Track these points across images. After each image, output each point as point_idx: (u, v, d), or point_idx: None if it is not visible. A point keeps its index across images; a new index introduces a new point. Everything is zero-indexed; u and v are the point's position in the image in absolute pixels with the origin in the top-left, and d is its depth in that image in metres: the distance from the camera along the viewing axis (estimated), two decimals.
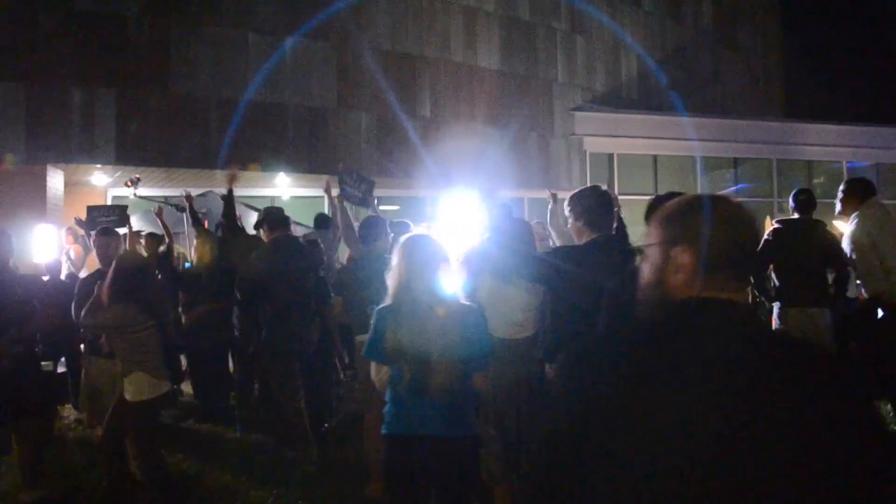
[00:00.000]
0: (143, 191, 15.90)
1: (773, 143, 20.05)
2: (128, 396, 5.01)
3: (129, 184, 9.09)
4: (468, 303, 3.54)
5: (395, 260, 3.38)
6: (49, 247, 10.12)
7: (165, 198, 12.13)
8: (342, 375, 8.57)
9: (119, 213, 8.66)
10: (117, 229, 8.70)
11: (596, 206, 4.34)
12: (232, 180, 8.92)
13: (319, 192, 16.91)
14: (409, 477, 3.33)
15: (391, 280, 3.38)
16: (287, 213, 13.99)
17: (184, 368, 8.44)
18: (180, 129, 13.15)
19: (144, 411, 5.00)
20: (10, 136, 12.27)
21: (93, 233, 8.31)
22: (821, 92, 22.84)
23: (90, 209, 8.72)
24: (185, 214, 9.66)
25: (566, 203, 4.44)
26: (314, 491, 5.56)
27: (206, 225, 10.68)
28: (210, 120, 13.34)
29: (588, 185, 17.42)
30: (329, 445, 6.78)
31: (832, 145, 20.68)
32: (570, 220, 4.43)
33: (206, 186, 14.13)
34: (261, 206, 13.94)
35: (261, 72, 13.70)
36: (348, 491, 5.56)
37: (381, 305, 3.42)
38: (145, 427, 5.06)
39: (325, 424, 7.27)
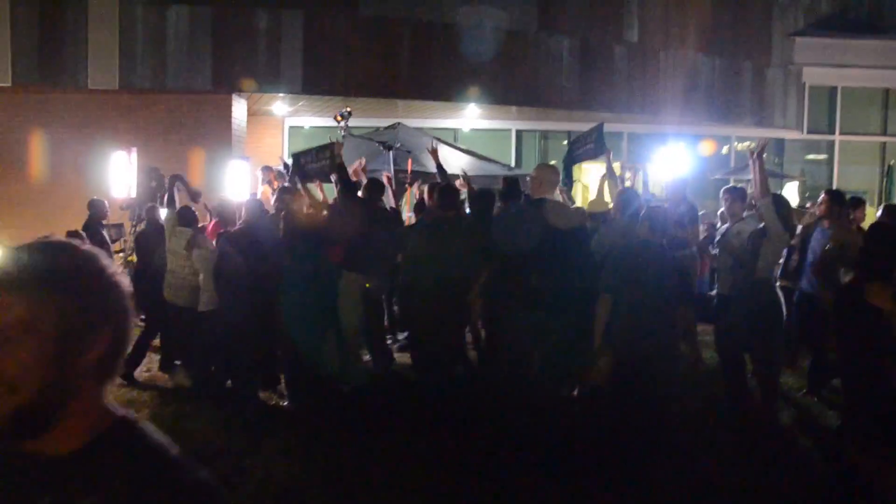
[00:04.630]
0: (318, 121, 15.24)
1: None
2: None
3: (339, 118, 8.03)
4: None
5: None
6: (242, 185, 9.36)
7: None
8: None
9: (329, 154, 7.31)
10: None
11: None
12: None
13: (507, 125, 15.65)
14: None
15: None
16: (467, 146, 12.96)
17: None
18: (369, 56, 12.05)
19: None
20: (197, 62, 11.59)
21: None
22: None
23: (296, 157, 7.68)
24: (389, 154, 8.58)
25: None
26: None
27: (410, 165, 9.66)
28: (401, 45, 12.16)
29: (806, 122, 15.33)
30: None
31: None
32: None
33: (392, 118, 13.12)
34: (446, 139, 12.90)
35: None
36: None
37: None
38: None
39: None
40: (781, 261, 6.37)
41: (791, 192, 16.11)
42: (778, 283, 5.95)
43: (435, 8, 12.27)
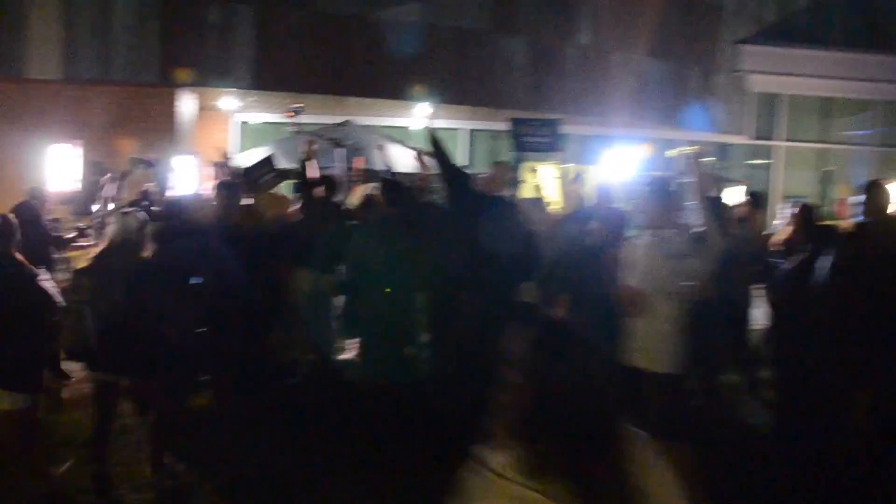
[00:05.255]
0: (269, 117, 15.07)
1: None
2: None
3: (291, 114, 7.99)
4: None
5: None
6: (188, 180, 9.21)
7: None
8: None
9: (269, 167, 7.53)
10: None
11: None
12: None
13: (460, 125, 15.68)
14: None
15: None
16: (419, 145, 12.94)
17: None
18: (322, 52, 11.96)
19: None
20: (144, 54, 11.36)
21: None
22: None
23: (246, 171, 7.74)
24: (339, 152, 8.53)
25: None
26: None
27: (360, 163, 9.59)
28: (354, 42, 12.10)
29: (754, 127, 15.64)
30: None
31: None
32: None
33: (344, 115, 13.04)
34: (397, 137, 12.87)
35: None
36: None
37: None
38: None
39: None
40: None
41: (735, 197, 16.49)
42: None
43: (389, 6, 12.25)
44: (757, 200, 7.24)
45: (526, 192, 7.64)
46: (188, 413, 5.84)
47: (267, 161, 7.65)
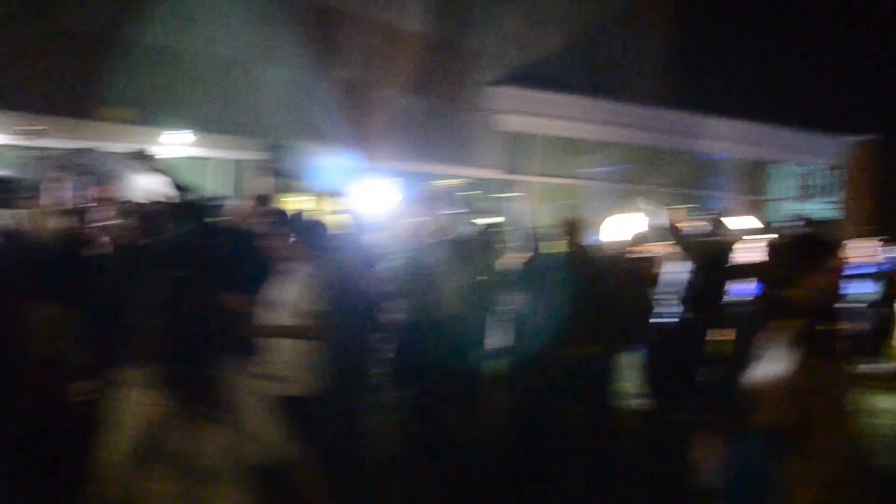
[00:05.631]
0: (3, 139, 13.75)
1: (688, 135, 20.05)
2: None
3: (29, 136, 7.42)
4: None
5: None
6: None
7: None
8: None
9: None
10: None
11: None
12: None
13: (225, 154, 15.25)
14: None
15: None
16: (181, 174, 12.46)
17: None
18: (63, 72, 11.17)
19: None
20: None
21: None
22: (716, 85, 23.02)
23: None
24: (87, 179, 8.05)
25: None
26: None
27: (104, 192, 9.04)
28: (105, 64, 11.41)
29: (507, 163, 16.76)
30: None
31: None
32: None
33: (91, 140, 12.21)
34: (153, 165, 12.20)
35: (164, 9, 11.91)
36: None
37: None
38: None
39: None
40: None
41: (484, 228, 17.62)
42: None
43: (147, 28, 11.75)
44: (493, 232, 7.91)
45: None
46: None
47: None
